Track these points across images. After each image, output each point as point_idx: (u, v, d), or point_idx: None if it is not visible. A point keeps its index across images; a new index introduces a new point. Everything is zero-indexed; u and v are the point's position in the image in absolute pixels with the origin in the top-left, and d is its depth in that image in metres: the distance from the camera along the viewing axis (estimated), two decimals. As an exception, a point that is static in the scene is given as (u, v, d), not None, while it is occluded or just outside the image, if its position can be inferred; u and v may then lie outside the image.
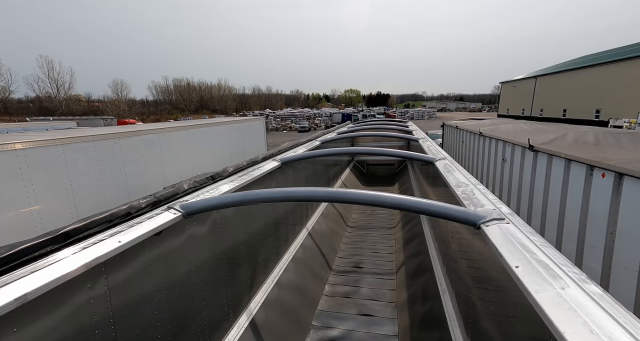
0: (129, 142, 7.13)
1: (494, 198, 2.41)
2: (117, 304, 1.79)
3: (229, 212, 3.03)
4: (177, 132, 9.15)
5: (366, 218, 7.52)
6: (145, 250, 2.02)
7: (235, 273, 3.12)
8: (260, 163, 4.22)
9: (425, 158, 4.43)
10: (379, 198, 2.09)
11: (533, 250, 1.51)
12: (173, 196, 2.49)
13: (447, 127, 14.48)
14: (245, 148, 13.41)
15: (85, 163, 6.12)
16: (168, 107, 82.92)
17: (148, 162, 7.75)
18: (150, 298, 2.05)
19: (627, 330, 0.93)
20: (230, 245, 3.05)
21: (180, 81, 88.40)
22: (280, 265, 4.19)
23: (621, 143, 4.83)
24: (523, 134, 6.62)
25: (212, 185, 3.08)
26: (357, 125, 12.56)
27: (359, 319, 3.82)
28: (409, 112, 77.07)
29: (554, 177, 4.79)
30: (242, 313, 3.17)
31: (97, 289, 1.68)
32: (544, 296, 1.13)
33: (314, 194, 2.32)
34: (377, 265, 5.13)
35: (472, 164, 9.76)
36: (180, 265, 2.37)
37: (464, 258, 2.72)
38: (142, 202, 2.15)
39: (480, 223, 1.88)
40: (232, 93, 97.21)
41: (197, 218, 2.54)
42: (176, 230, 2.30)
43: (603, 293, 1.13)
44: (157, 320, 2.09)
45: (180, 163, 9.08)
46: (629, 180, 3.29)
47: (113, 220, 1.90)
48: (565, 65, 41.92)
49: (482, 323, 2.22)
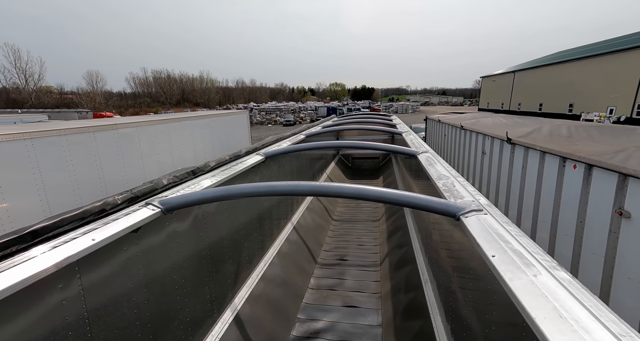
0: (105, 136, 6.82)
1: (473, 190, 2.47)
2: (93, 304, 1.73)
3: (211, 207, 2.98)
4: (157, 125, 8.83)
5: (351, 211, 7.59)
6: (123, 247, 1.96)
7: (218, 269, 3.08)
8: (243, 157, 4.15)
9: (408, 152, 4.49)
10: (362, 192, 2.10)
11: (509, 239, 1.56)
12: (151, 192, 2.41)
13: (430, 120, 14.72)
14: (228, 143, 13.16)
15: (58, 159, 5.82)
16: (147, 100, 79.92)
17: (126, 156, 7.46)
18: (129, 297, 1.99)
19: (592, 312, 0.98)
20: (213, 240, 3.00)
21: (160, 73, 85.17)
22: (265, 259, 4.17)
23: (592, 136, 5.07)
24: (502, 128, 6.82)
25: (193, 180, 3.01)
26: (342, 118, 12.56)
27: (343, 311, 3.87)
28: (394, 105, 77.80)
29: (530, 169, 4.99)
30: (226, 308, 3.15)
31: (70, 289, 1.61)
32: (517, 284, 1.17)
33: (297, 188, 2.31)
34: (362, 258, 5.20)
35: (453, 157, 10.00)
36: (161, 262, 2.31)
37: (444, 249, 2.80)
38: (117, 198, 2.07)
39: (459, 214, 1.93)
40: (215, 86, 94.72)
41: (178, 214, 2.47)
42: (155, 227, 2.24)
43: (572, 279, 1.19)
44: (136, 318, 2.04)
45: (161, 158, 8.80)
46: (597, 171, 3.46)
47: (86, 217, 1.82)
48: (542, 61, 43.37)
49: (461, 311, 2.30)
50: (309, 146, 4.89)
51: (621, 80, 27.66)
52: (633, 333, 0.89)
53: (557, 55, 43.49)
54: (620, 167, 3.10)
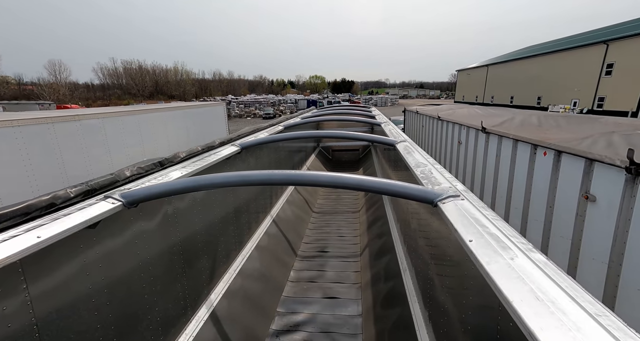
0: (65, 128, 6.31)
1: (450, 177, 2.47)
2: (43, 309, 1.56)
3: (183, 201, 2.81)
4: (126, 117, 8.32)
5: (331, 203, 7.57)
6: (78, 245, 1.78)
7: (192, 265, 2.93)
8: (217, 148, 3.96)
9: (387, 141, 4.47)
10: (340, 180, 2.03)
11: (485, 223, 1.54)
12: (112, 184, 2.21)
13: (409, 112, 14.92)
14: (204, 135, 12.69)
15: (11, 152, 5.32)
16: (118, 92, 75.62)
17: (92, 150, 6.98)
18: (87, 299, 1.83)
19: (568, 293, 0.96)
20: (186, 236, 2.85)
21: (131, 63, 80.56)
22: (243, 253, 4.05)
23: (560, 125, 5.28)
24: (477, 118, 6.98)
25: (161, 171, 2.82)
26: (321, 110, 12.44)
27: (323, 302, 3.85)
28: (373, 98, 78.44)
29: (503, 156, 5.14)
30: (201, 305, 3.02)
31: (12, 293, 1.44)
32: (494, 268, 1.14)
33: (272, 177, 2.19)
34: (342, 249, 5.19)
35: (431, 147, 10.19)
36: (125, 260, 2.14)
37: (423, 237, 2.81)
38: (70, 191, 1.87)
39: (437, 200, 1.90)
40: (190, 78, 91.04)
41: (144, 208, 2.30)
42: (117, 222, 2.06)
43: (547, 260, 1.18)
44: (97, 321, 1.88)
45: (130, 151, 8.33)
46: (566, 157, 3.60)
47: (31, 212, 1.62)
48: (512, 55, 45.00)
49: (438, 297, 2.31)
50: (287, 136, 4.76)
51: (583, 74, 29.26)
52: (609, 312, 0.87)
53: (526, 49, 45.26)
54: (587, 153, 3.23)
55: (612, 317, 0.84)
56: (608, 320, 0.83)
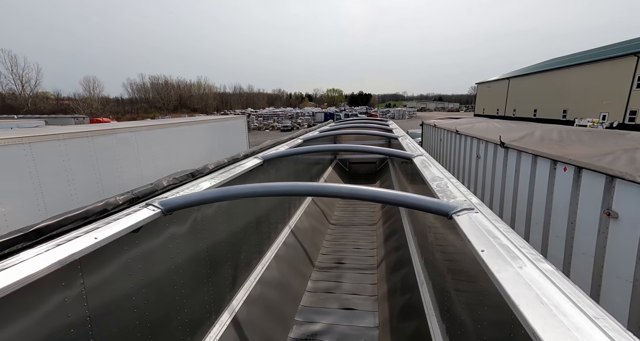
0: (103, 141, 6.86)
1: (465, 190, 2.55)
2: (94, 303, 1.76)
3: (210, 210, 3.01)
4: (155, 130, 8.89)
5: (348, 215, 7.64)
6: (123, 247, 1.99)
7: (216, 271, 3.10)
8: (241, 160, 4.20)
9: (404, 155, 4.57)
10: (358, 191, 2.17)
11: (497, 235, 1.63)
12: (152, 193, 2.45)
13: (426, 125, 14.90)
14: (226, 148, 13.20)
15: (56, 163, 5.84)
16: (145, 106, 79.90)
17: (124, 161, 7.49)
18: (129, 296, 2.02)
19: (570, 299, 1.04)
20: (212, 243, 3.03)
21: (158, 79, 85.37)
22: (263, 262, 4.19)
23: (582, 140, 5.19)
24: (496, 132, 6.95)
25: (192, 182, 3.05)
26: (339, 123, 12.68)
27: (340, 313, 3.90)
28: (390, 111, 78.44)
29: (523, 172, 5.09)
30: (224, 311, 3.16)
31: (72, 287, 1.65)
32: (504, 275, 1.24)
33: (295, 188, 2.36)
34: (359, 261, 5.23)
35: (449, 161, 10.12)
36: (160, 263, 2.34)
37: (439, 251, 2.86)
38: (119, 198, 2.11)
39: (452, 213, 2.00)
40: (212, 92, 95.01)
41: (177, 215, 2.51)
42: (155, 227, 2.27)
43: (554, 270, 1.26)
44: (136, 318, 2.07)
45: (158, 163, 8.83)
46: (586, 173, 3.56)
47: (88, 217, 1.86)
48: (535, 68, 44.10)
49: (455, 310, 2.35)
50: (306, 149, 4.96)
51: (613, 87, 28.20)
52: (607, 315, 0.95)
53: (550, 62, 44.27)
54: (608, 169, 3.20)
55: (609, 320, 0.93)
56: (606, 322, 0.92)
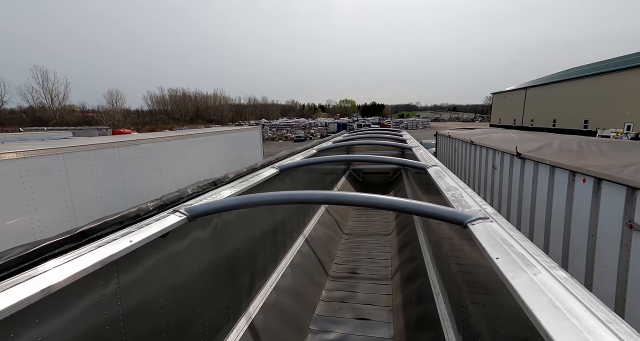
0: (127, 151, 7.23)
1: (480, 200, 2.58)
2: (126, 302, 1.89)
3: (229, 217, 3.14)
4: (175, 141, 9.27)
5: (362, 225, 7.64)
6: (153, 250, 2.13)
7: (235, 277, 3.20)
8: (259, 170, 4.36)
9: (418, 165, 4.61)
10: (373, 200, 2.25)
11: (512, 243, 1.67)
12: (178, 200, 2.61)
13: (440, 136, 14.81)
14: (242, 158, 13.53)
15: (85, 172, 6.20)
16: (163, 117, 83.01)
17: (146, 170, 7.84)
18: (157, 298, 2.14)
19: (583, 304, 1.08)
20: (231, 250, 3.15)
21: (176, 91, 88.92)
22: (278, 270, 4.27)
23: (602, 151, 5.08)
24: (512, 143, 6.87)
25: (215, 190, 3.21)
26: (352, 134, 12.81)
27: (355, 323, 3.90)
28: (404, 122, 78.14)
29: (540, 183, 5.01)
30: (241, 316, 3.24)
31: (108, 286, 1.78)
32: (518, 282, 1.28)
33: (312, 197, 2.47)
34: (373, 271, 5.22)
35: (464, 171, 10.00)
36: (184, 267, 2.46)
37: (455, 262, 2.86)
38: (149, 205, 2.27)
39: (467, 222, 2.04)
40: (227, 103, 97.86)
41: (200, 222, 2.65)
42: (181, 233, 2.41)
43: (568, 277, 1.29)
44: (162, 319, 2.18)
45: (177, 172, 9.16)
46: (606, 185, 3.50)
47: (124, 221, 2.02)
48: (553, 77, 43.27)
49: (472, 321, 2.34)
50: (321, 159, 5.08)
51: (637, 96, 27.28)
52: (619, 319, 0.99)
53: (568, 71, 43.38)
54: (629, 180, 3.15)
55: (621, 324, 0.96)
56: (618, 326, 0.95)
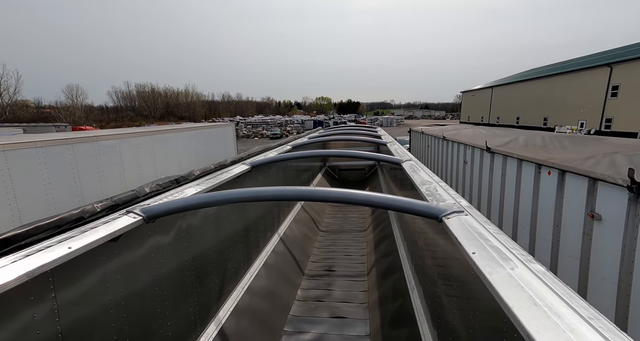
0: (84, 148, 6.63)
1: (454, 194, 2.55)
2: (67, 318, 1.65)
3: (195, 218, 2.92)
4: (139, 137, 8.68)
5: (338, 221, 7.59)
6: (101, 257, 1.89)
7: (202, 281, 2.99)
8: (229, 166, 4.12)
9: (393, 160, 4.59)
10: (347, 195, 2.14)
11: (488, 237, 1.62)
12: (133, 200, 2.35)
13: (414, 132, 15.14)
14: (214, 155, 13.02)
15: (32, 171, 5.59)
16: (130, 114, 78.53)
17: (106, 169, 7.26)
18: (107, 311, 1.90)
19: (563, 300, 1.02)
20: (197, 252, 2.93)
21: (144, 87, 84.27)
22: (251, 271, 4.09)
23: (564, 146, 5.35)
24: (482, 138, 7.10)
25: (177, 188, 2.96)
26: (328, 130, 12.74)
27: (331, 322, 3.81)
28: (378, 119, 79.54)
29: (509, 176, 5.19)
30: (210, 322, 3.04)
31: (42, 301, 1.53)
32: (496, 277, 1.21)
33: (283, 193, 2.31)
34: (349, 268, 5.17)
35: (437, 166, 10.26)
36: (141, 274, 2.23)
37: (430, 256, 2.84)
38: (96, 206, 2.01)
39: (442, 216, 1.98)
40: (200, 99, 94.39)
41: (161, 223, 2.42)
42: (136, 236, 2.17)
43: (546, 271, 1.24)
44: (113, 333, 1.95)
45: (143, 170, 8.60)
46: (570, 177, 3.65)
47: (62, 225, 1.76)
48: (517, 77, 45.78)
49: (447, 315, 2.32)
50: (295, 155, 4.93)
51: (589, 96, 29.52)
52: (601, 316, 0.94)
53: (531, 71, 46.05)
54: (590, 172, 3.28)
55: (603, 321, 0.91)
56: (600, 323, 0.90)
